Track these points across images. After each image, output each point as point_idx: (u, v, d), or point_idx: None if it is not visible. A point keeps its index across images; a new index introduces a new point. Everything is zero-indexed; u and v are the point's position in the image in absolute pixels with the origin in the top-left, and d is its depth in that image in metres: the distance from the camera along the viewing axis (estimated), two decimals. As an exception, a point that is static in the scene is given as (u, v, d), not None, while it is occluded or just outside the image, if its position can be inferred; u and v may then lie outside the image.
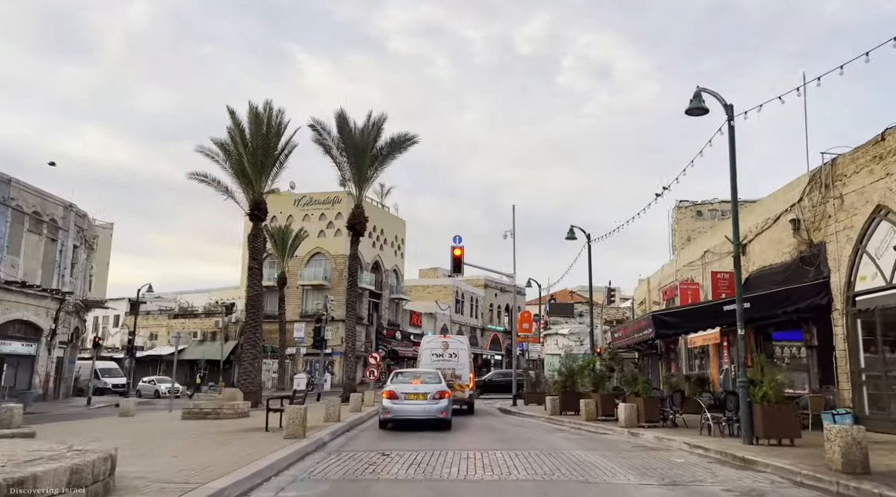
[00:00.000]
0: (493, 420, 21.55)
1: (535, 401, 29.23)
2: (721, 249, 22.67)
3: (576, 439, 14.98)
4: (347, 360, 29.18)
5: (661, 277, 31.12)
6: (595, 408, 18.93)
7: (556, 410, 21.69)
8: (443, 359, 23.57)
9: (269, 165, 25.94)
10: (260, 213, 25.29)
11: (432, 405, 16.65)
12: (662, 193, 18.77)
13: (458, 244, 29.23)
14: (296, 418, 12.54)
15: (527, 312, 35.05)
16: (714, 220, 59.08)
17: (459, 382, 23.29)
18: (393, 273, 66.12)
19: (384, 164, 30.06)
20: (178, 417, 19.59)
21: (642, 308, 35.96)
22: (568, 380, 21.84)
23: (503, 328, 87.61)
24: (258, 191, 25.50)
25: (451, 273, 28.60)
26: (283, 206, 60.10)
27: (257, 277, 25.09)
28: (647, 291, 34.33)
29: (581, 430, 17.59)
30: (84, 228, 39.42)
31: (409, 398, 16.76)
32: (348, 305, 29.72)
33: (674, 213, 59.98)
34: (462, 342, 24.22)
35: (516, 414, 24.41)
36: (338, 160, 29.77)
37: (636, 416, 16.45)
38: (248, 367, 24.42)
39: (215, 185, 28.08)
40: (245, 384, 24.19)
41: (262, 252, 25.45)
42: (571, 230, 25.09)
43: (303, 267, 57.90)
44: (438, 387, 17.05)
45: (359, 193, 29.96)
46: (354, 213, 29.99)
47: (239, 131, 25.42)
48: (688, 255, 27.23)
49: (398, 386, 17.19)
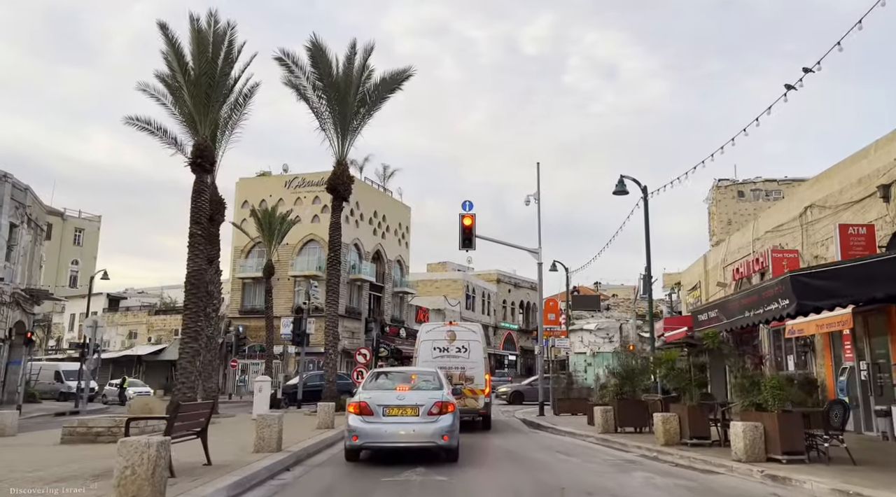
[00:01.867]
0: (521, 441, 15.12)
1: (569, 410, 22.81)
2: (840, 199, 16.11)
3: (676, 490, 8.53)
4: (328, 359, 22.83)
5: (727, 253, 24.54)
6: (678, 426, 12.44)
7: (610, 426, 15.23)
8: (448, 355, 17.17)
9: (218, 100, 19.62)
10: (204, 161, 18.95)
11: (427, 425, 10.27)
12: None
13: (468, 211, 22.97)
14: (143, 464, 6.15)
15: (553, 300, 28.63)
16: (758, 200, 52.40)
17: (471, 386, 16.90)
18: (397, 264, 59.69)
19: (374, 108, 23.69)
20: (56, 440, 13.25)
21: (695, 295, 29.34)
22: (626, 383, 15.33)
23: (517, 326, 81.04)
24: (203, 133, 19.19)
25: (461, 247, 22.24)
26: (273, 188, 54.02)
27: (200, 247, 18.76)
28: (704, 273, 27.72)
29: (666, 462, 11.12)
30: (27, 205, 33.28)
31: (391, 414, 10.38)
32: (329, 288, 23.32)
33: (711, 195, 53.25)
34: (474, 332, 17.77)
35: (549, 429, 17.93)
36: (314, 105, 23.43)
37: (763, 442, 9.98)
38: (186, 368, 18.11)
39: (160, 135, 21.85)
40: (182, 390, 17.89)
41: (206, 214, 19.13)
42: (621, 181, 18.68)
43: (295, 256, 51.63)
44: (437, 396, 10.65)
45: (341, 147, 23.60)
46: (336, 171, 23.57)
47: (176, 54, 19.12)
48: (772, 219, 20.67)
49: (374, 394, 10.80)
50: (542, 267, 24.58)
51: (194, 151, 19.09)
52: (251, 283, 52.54)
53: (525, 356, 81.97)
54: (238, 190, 55.43)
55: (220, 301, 23.39)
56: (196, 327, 18.51)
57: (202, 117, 19.19)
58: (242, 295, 53.84)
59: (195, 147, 19.13)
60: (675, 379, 12.41)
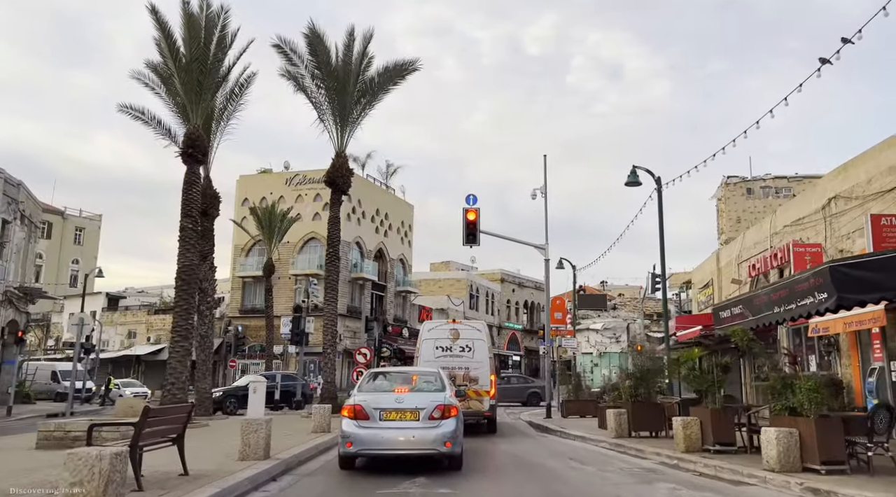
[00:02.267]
0: (529, 446, 14.20)
1: (577, 412, 21.88)
2: (868, 189, 15.15)
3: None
4: (327, 359, 21.92)
5: (742, 249, 23.58)
6: (700, 431, 11.50)
7: (624, 430, 14.29)
8: (451, 354, 16.25)
9: (211, 88, 18.72)
10: (196, 151, 18.04)
11: (428, 430, 9.36)
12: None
13: (472, 206, 22.07)
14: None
15: (560, 298, 27.66)
16: (767, 197, 51.37)
17: (475, 387, 15.98)
18: (399, 263, 58.74)
19: (375, 99, 22.75)
20: (32, 444, 12.39)
21: (707, 292, 28.39)
22: (641, 385, 14.38)
23: (521, 326, 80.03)
24: (194, 122, 18.30)
25: (465, 243, 21.31)
26: (274, 185, 53.16)
27: (191, 241, 17.85)
28: (716, 271, 26.76)
29: (689, 471, 10.19)
30: (19, 201, 32.46)
31: (389, 418, 9.48)
32: (328, 285, 22.40)
33: (720, 192, 52.23)
34: (479, 330, 16.83)
35: (558, 433, 17.00)
36: (313, 95, 22.51)
37: (799, 450, 9.05)
38: (176, 367, 17.22)
39: (154, 125, 20.99)
40: (171, 392, 17.00)
41: (198, 206, 18.24)
42: (634, 172, 17.74)
43: (295, 254, 50.71)
44: (439, 398, 9.74)
45: (340, 139, 22.68)
46: (335, 163, 22.63)
47: (166, 39, 18.20)
48: (791, 212, 19.71)
49: (371, 397, 9.90)
50: (549, 264, 23.65)
51: (185, 141, 18.20)
52: (251, 282, 51.68)
53: (530, 357, 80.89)
54: (238, 187, 54.62)
55: (214, 300, 22.51)
56: (187, 325, 17.63)
57: (194, 105, 18.30)
58: (243, 294, 52.98)
59: (186, 136, 18.23)
60: (697, 380, 11.46)
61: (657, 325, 51.29)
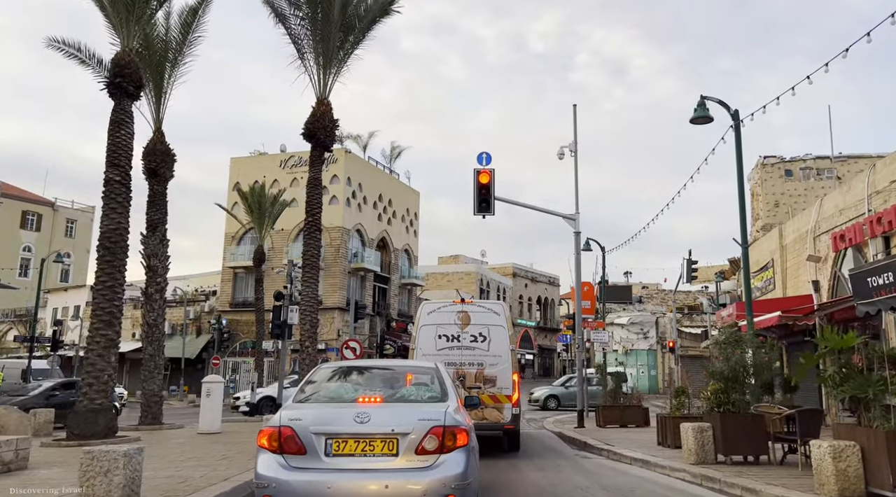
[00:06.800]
0: (568, 475, 9.82)
1: (616, 420, 17.49)
2: None
3: None
4: (304, 355, 17.60)
5: (818, 220, 19.07)
6: (860, 466, 7.08)
7: (709, 453, 9.84)
8: (460, 345, 11.92)
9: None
10: (126, 81, 13.76)
11: (414, 473, 5.03)
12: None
13: (485, 166, 17.91)
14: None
15: (588, 284, 23.30)
16: (808, 179, 46.70)
17: (493, 391, 11.65)
18: (404, 254, 54.41)
19: (364, 35, 18.44)
20: None
21: (763, 276, 23.89)
22: (733, 389, 9.92)
23: (535, 323, 75.57)
24: (125, 45, 14.06)
25: (477, 211, 17.10)
26: (267, 168, 49.10)
27: (118, 199, 13.55)
28: (780, 249, 22.24)
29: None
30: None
31: (342, 451, 5.14)
32: (306, 262, 18.04)
33: (756, 174, 47.58)
34: (497, 314, 12.39)
35: (604, 452, 12.56)
36: (292, 28, 18.21)
37: None
38: (96, 363, 12.96)
39: (94, 64, 16.57)
40: (88, 395, 12.74)
41: (129, 152, 13.92)
42: (702, 104, 13.33)
43: (290, 242, 46.49)
44: (434, 415, 5.38)
45: (323, 83, 18.33)
46: (316, 111, 18.18)
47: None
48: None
49: (313, 412, 5.55)
50: (580, 237, 19.28)
51: (112, 68, 13.87)
52: (243, 273, 47.66)
53: (543, 356, 76.45)
54: (231, 171, 50.64)
55: (164, 280, 18.26)
56: (111, 308, 13.36)
57: (122, 23, 14.00)
58: (234, 286, 48.95)
59: (113, 62, 13.90)
60: (856, 384, 7.05)
61: (689, 319, 46.72)
